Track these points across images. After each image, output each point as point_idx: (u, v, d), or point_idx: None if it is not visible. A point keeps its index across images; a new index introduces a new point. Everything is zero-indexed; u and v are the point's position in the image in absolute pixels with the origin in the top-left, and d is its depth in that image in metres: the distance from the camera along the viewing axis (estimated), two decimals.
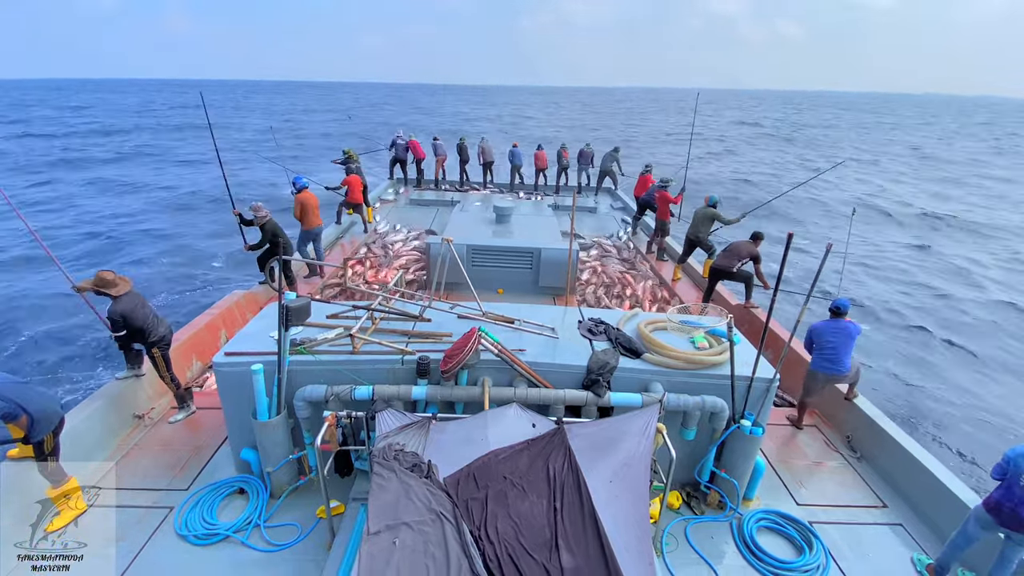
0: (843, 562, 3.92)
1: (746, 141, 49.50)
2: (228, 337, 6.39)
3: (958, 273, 15.89)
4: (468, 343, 3.81)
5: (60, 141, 38.57)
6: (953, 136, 62.81)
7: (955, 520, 4.02)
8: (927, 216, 22.51)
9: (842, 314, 5.21)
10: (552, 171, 15.78)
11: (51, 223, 17.83)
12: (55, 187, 23.76)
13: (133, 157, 32.88)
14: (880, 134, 61.77)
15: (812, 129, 65.52)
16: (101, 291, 4.70)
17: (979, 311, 13.05)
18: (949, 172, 35.04)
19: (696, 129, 13.11)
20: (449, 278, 6.14)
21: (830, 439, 5.40)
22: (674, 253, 10.83)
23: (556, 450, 3.36)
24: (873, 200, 24.92)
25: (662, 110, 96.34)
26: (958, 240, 19.67)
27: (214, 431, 4.98)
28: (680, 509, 4.34)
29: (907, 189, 28.83)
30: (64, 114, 62.36)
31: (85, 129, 46.12)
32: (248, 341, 4.28)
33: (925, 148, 48.33)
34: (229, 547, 3.80)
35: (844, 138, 55.92)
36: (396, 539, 2.72)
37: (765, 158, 39.20)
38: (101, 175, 26.69)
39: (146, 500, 4.17)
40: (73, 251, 15.35)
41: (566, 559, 2.78)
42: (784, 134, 57.72)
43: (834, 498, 4.59)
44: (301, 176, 8.89)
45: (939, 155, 43.73)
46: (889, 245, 18.60)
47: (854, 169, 33.40)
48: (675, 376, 4.11)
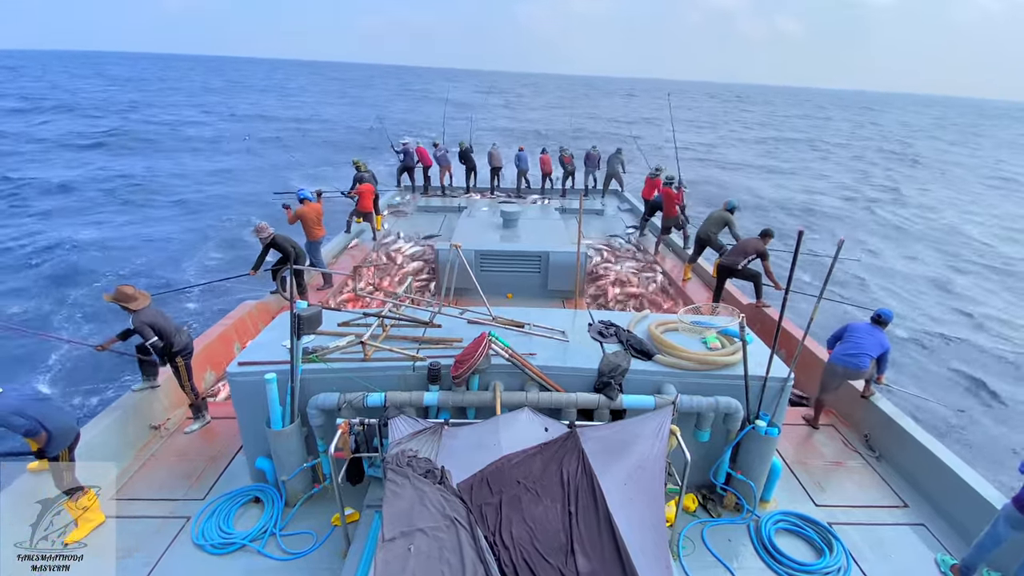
0: (864, 564, 3.85)
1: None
2: (241, 347, 6.45)
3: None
4: (479, 348, 3.81)
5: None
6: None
7: (979, 519, 3.94)
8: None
9: (883, 323, 5.18)
10: (558, 175, 15.77)
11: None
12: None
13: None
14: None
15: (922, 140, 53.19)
16: (122, 305, 4.77)
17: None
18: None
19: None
20: (458, 283, 6.16)
21: (848, 438, 5.32)
22: (679, 250, 10.79)
23: (569, 454, 3.34)
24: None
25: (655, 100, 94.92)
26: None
27: (229, 441, 5.02)
28: (696, 512, 4.29)
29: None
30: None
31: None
32: (261, 351, 4.32)
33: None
34: (245, 556, 3.81)
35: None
36: (411, 545, 2.72)
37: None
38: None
39: (163, 510, 4.20)
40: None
41: (582, 563, 2.76)
42: (894, 148, 47.48)
43: (853, 499, 4.52)
44: (304, 189, 8.85)
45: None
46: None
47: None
48: (688, 377, 4.08)
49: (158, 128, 37.41)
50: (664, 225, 10.62)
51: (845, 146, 48.12)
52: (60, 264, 13.90)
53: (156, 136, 34.40)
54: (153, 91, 66.65)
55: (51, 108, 44.01)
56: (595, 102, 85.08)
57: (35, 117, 39.47)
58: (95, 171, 24.74)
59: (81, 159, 27.34)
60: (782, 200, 25.00)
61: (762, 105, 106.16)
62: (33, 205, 19.17)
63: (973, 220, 23.83)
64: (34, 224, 17.12)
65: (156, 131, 36.09)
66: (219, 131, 37.99)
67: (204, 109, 50.64)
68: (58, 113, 41.87)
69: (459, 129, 18.51)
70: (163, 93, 64.36)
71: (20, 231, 16.35)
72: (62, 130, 34.52)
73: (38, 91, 57.87)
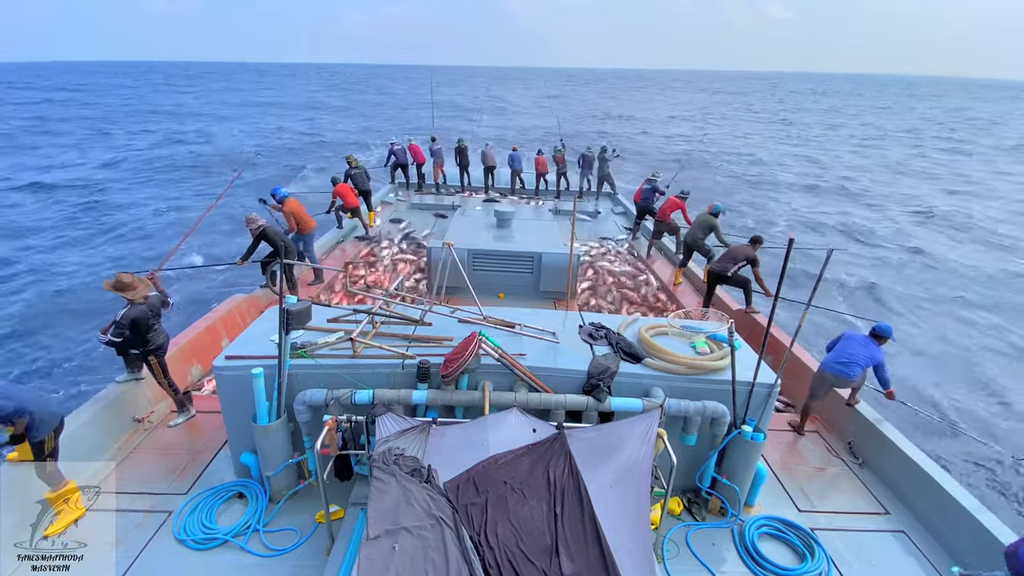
0: (845, 569, 3.90)
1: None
2: (229, 341, 6.39)
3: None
4: (469, 347, 3.81)
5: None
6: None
7: (958, 527, 4.00)
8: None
9: (880, 338, 5.18)
10: (552, 176, 15.80)
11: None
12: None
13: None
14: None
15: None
16: (121, 294, 4.71)
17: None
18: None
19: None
20: (450, 282, 6.15)
21: (832, 445, 5.37)
22: (670, 254, 10.86)
23: (557, 455, 3.34)
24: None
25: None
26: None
27: (214, 435, 4.97)
28: (681, 515, 4.31)
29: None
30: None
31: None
32: (248, 345, 4.28)
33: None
34: (228, 552, 3.78)
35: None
36: (395, 544, 2.71)
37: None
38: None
39: (145, 504, 4.15)
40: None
41: (566, 565, 2.76)
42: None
43: (836, 505, 4.57)
44: (279, 187, 8.65)
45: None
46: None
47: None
48: (676, 381, 4.10)
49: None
50: (656, 229, 10.68)
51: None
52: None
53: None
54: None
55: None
56: (584, 95, 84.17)
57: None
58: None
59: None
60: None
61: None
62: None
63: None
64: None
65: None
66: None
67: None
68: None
69: (451, 129, 18.29)
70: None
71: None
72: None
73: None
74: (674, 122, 55.21)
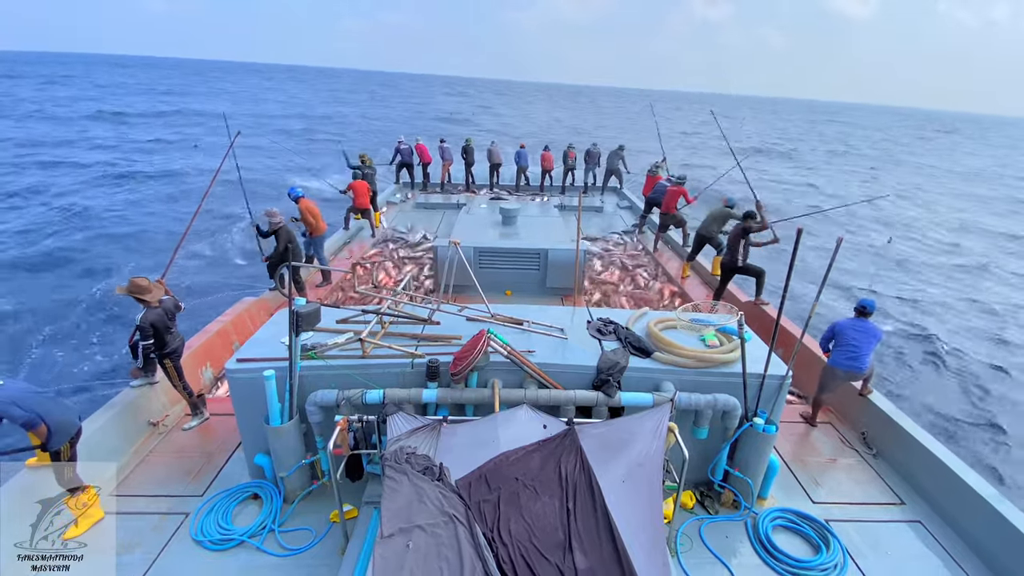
0: (861, 560, 3.87)
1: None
2: (240, 344, 6.45)
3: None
4: (477, 345, 3.81)
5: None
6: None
7: (975, 516, 3.96)
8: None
9: (867, 314, 5.15)
10: (558, 172, 15.78)
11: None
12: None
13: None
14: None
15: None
16: (137, 298, 4.76)
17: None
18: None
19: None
20: (457, 280, 6.16)
21: (845, 436, 5.33)
22: (678, 248, 10.80)
23: (567, 451, 3.34)
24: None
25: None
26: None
27: (227, 437, 5.02)
28: (694, 509, 4.30)
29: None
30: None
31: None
32: (259, 347, 4.31)
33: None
34: (244, 552, 3.82)
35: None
36: (409, 542, 2.72)
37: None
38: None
39: (162, 506, 4.21)
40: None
41: (580, 560, 2.76)
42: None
43: (850, 496, 4.54)
44: (295, 187, 8.76)
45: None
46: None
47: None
48: (686, 375, 4.08)
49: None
50: (662, 222, 10.62)
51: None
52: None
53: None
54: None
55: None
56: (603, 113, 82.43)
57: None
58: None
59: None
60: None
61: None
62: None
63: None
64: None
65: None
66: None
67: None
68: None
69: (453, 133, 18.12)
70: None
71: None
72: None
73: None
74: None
